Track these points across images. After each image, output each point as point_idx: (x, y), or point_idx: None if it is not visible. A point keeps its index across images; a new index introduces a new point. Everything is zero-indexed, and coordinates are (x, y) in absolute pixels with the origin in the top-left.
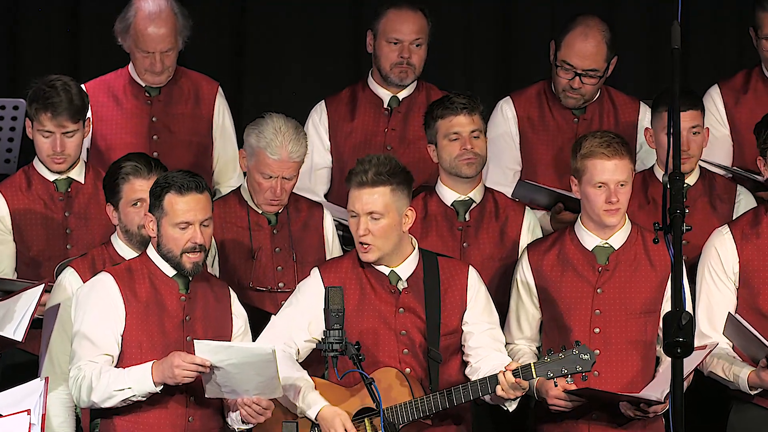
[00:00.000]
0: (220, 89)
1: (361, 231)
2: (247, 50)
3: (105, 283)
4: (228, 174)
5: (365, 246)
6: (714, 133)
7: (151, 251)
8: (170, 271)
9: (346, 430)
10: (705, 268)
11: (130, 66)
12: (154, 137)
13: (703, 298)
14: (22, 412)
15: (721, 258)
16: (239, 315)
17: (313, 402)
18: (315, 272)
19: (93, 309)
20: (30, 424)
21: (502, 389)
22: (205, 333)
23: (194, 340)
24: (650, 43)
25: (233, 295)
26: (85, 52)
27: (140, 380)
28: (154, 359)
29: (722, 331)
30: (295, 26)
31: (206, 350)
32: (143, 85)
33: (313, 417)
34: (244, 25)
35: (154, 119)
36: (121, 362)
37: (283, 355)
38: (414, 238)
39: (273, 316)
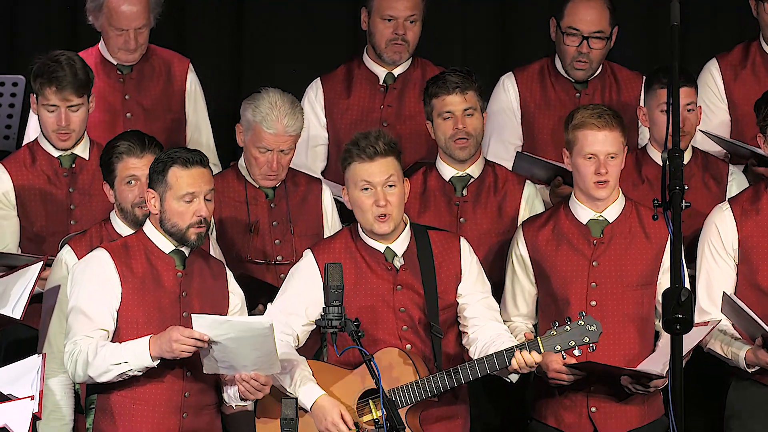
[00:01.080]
0: (191, 65)
1: (382, 201)
2: (246, 39)
3: (101, 258)
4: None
5: (384, 217)
6: (712, 108)
7: (148, 228)
8: (167, 248)
9: (345, 421)
10: (705, 244)
11: (100, 44)
12: (128, 115)
13: (703, 274)
14: (26, 398)
15: (720, 234)
16: (236, 293)
17: (309, 391)
18: (308, 254)
19: (88, 284)
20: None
21: (518, 365)
22: (202, 309)
23: (192, 315)
24: (649, 25)
25: (230, 274)
26: (83, 33)
27: (137, 354)
28: (149, 334)
29: (720, 308)
30: (293, 12)
31: (204, 325)
32: (115, 63)
33: (308, 406)
34: (242, 16)
35: (127, 97)
36: (117, 338)
37: (280, 344)
38: (404, 214)
39: (269, 303)
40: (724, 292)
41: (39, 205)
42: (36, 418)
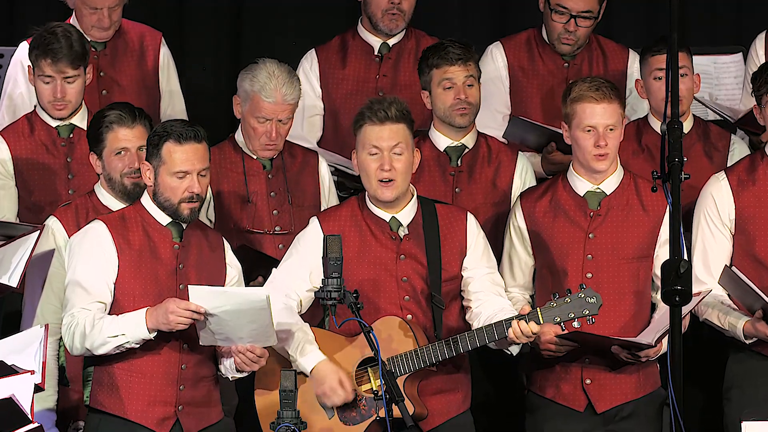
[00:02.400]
0: (162, 39)
1: (387, 166)
2: (245, 14)
3: (97, 231)
4: None
5: (388, 182)
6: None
7: (145, 200)
8: (164, 220)
9: (344, 388)
10: (701, 215)
11: (73, 21)
12: (103, 92)
13: (699, 245)
14: (27, 372)
15: (717, 204)
16: (233, 266)
17: (310, 356)
18: (314, 221)
19: (85, 257)
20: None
21: (514, 335)
22: (198, 281)
23: (189, 286)
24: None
25: (227, 246)
26: None
27: (134, 326)
28: (146, 307)
29: (718, 279)
30: None
31: (200, 296)
32: (89, 40)
33: (308, 370)
34: None
35: (102, 74)
36: (115, 310)
37: (284, 307)
38: (412, 185)
39: (274, 268)
40: (725, 265)
41: (37, 175)
42: (39, 389)
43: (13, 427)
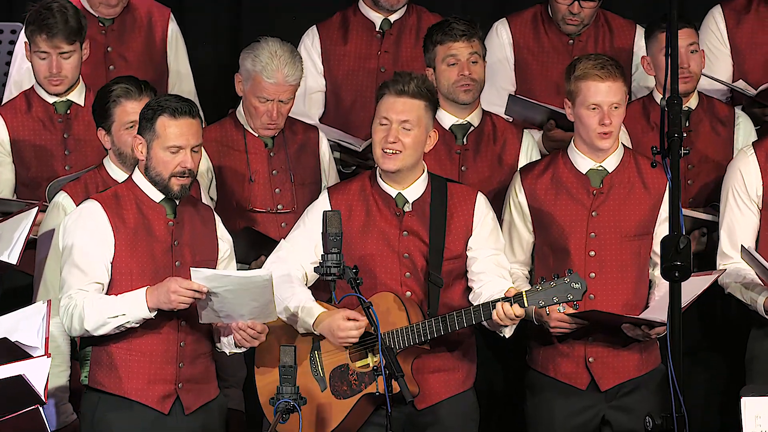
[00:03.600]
0: (171, 15)
1: (392, 138)
2: None
3: (92, 210)
4: None
5: (390, 153)
6: (715, 53)
7: (137, 176)
8: (157, 197)
9: (353, 322)
10: (729, 189)
11: None
12: (111, 67)
13: (726, 219)
14: (43, 356)
15: (744, 180)
16: (224, 239)
17: (310, 312)
18: (324, 194)
19: (81, 237)
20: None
21: (498, 317)
22: (193, 257)
23: (191, 269)
24: None
25: (218, 219)
26: None
27: (134, 306)
28: (143, 285)
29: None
30: None
31: (202, 278)
32: (96, 15)
33: (311, 324)
34: None
35: (109, 49)
36: (111, 289)
37: (285, 274)
38: (425, 163)
39: (282, 240)
40: (742, 245)
41: (34, 151)
42: None
43: (21, 406)
